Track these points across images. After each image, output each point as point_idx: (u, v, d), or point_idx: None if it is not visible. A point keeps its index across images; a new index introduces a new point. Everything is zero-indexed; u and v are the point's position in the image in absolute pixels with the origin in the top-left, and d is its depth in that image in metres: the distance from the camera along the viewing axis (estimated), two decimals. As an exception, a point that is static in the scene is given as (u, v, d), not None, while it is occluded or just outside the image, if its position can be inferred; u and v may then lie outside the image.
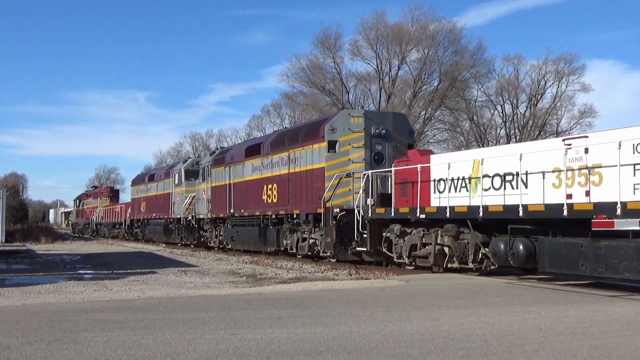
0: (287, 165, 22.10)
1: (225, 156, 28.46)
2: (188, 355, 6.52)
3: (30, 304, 10.50)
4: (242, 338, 7.39)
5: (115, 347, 6.88)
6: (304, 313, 9.36)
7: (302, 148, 21.16)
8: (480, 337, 7.41)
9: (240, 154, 26.81)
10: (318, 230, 20.21)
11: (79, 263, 21.68)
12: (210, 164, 29.95)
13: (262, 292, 12.43)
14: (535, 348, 6.79)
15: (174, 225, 35.51)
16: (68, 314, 9.38)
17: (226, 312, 9.54)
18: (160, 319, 8.88)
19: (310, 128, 21.42)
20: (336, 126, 19.64)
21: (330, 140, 19.62)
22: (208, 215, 29.99)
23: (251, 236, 24.94)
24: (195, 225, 32.02)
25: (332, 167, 19.47)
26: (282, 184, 22.52)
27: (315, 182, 20.15)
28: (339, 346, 6.92)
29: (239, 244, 26.67)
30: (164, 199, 37.46)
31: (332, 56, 53.22)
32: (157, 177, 40.48)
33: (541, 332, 7.72)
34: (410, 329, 7.95)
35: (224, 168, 28.00)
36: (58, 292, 12.27)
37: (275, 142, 23.71)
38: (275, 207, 23.00)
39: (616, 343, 7.08)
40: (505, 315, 9.00)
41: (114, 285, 13.67)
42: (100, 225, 57.00)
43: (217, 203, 28.88)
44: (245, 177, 25.93)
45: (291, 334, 7.66)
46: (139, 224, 43.97)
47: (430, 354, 6.53)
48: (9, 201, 54.63)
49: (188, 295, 11.72)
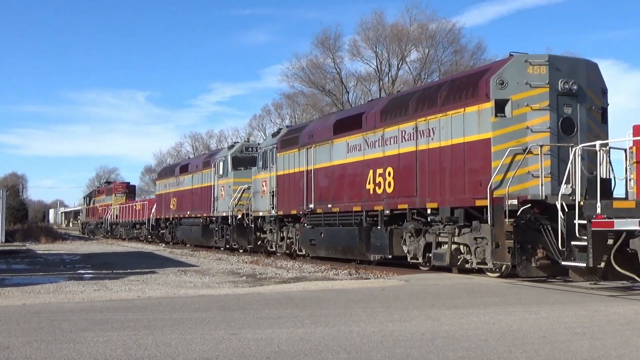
0: (414, 140, 15.98)
1: (300, 135, 22.06)
2: (188, 355, 6.52)
3: (30, 304, 10.50)
4: (242, 338, 7.39)
5: (115, 347, 6.87)
6: (303, 313, 9.36)
7: (444, 114, 14.96)
8: (480, 337, 7.41)
9: (325, 131, 20.56)
10: (468, 232, 14.42)
11: (79, 263, 21.67)
12: (276, 147, 23.56)
13: (262, 292, 12.42)
14: (535, 348, 6.79)
15: (217, 225, 29.64)
16: (68, 313, 9.38)
17: (226, 312, 9.54)
18: (160, 319, 8.88)
19: (461, 83, 15.05)
20: (507, 78, 13.71)
21: (498, 100, 13.64)
22: (271, 212, 23.68)
23: (345, 240, 18.98)
24: (251, 225, 25.58)
25: (502, 139, 13.55)
26: (403, 167, 16.47)
27: (471, 161, 14.18)
28: (338, 346, 6.92)
29: (324, 249, 20.51)
30: (203, 194, 31.39)
31: (331, 56, 53.33)
32: (192, 167, 34.05)
33: (541, 332, 7.72)
34: (410, 329, 7.95)
35: (298, 151, 21.87)
36: (58, 292, 12.27)
37: (390, 109, 17.44)
38: (390, 200, 16.96)
39: (616, 343, 7.07)
40: (505, 315, 9.00)
41: (114, 285, 13.67)
42: (116, 225, 51.91)
43: (286, 196, 22.64)
44: (334, 161, 19.77)
45: (291, 333, 7.65)
46: (167, 223, 37.80)
47: (430, 354, 6.53)
48: (9, 201, 54.46)
49: (188, 295, 11.72)
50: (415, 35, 51.37)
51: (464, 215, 14.38)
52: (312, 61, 53.64)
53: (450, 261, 14.80)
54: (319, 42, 53.62)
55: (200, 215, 31.46)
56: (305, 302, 10.70)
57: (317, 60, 53.69)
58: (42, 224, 78.45)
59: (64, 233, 63.52)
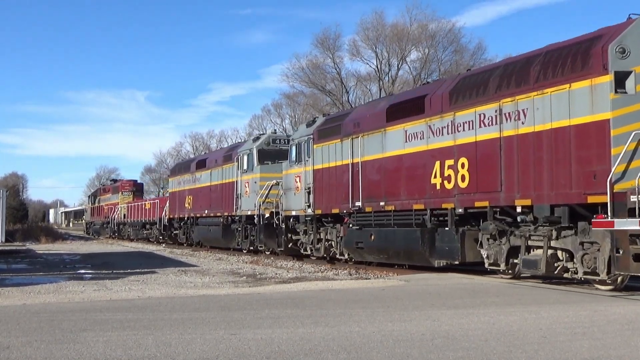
0: (497, 125, 13.35)
1: (343, 124, 19.35)
2: (188, 355, 6.52)
3: (30, 304, 10.50)
4: (242, 338, 7.39)
5: (115, 347, 6.88)
6: (303, 313, 9.36)
7: (540, 92, 12.34)
8: (480, 337, 7.41)
9: (375, 118, 17.74)
10: (571, 235, 11.99)
11: (79, 263, 21.69)
12: (312, 138, 20.84)
13: (262, 292, 12.43)
14: (535, 348, 6.78)
15: (240, 225, 26.94)
16: (68, 313, 9.38)
17: (226, 312, 9.54)
18: (160, 318, 8.88)
19: (562, 54, 12.25)
20: (630, 45, 10.95)
21: (619, 72, 10.95)
22: (307, 211, 20.98)
23: (402, 243, 16.39)
24: (282, 226, 22.92)
25: (625, 120, 10.94)
26: (481, 158, 13.89)
27: (581, 148, 11.59)
28: (338, 346, 6.92)
29: (374, 253, 17.84)
30: (224, 191, 28.83)
31: (331, 56, 53.38)
32: (210, 162, 31.43)
33: (541, 332, 7.72)
34: (410, 329, 7.95)
35: (340, 141, 19.21)
36: (58, 292, 12.28)
37: (462, 90, 14.72)
38: (464, 196, 14.37)
39: (616, 343, 7.07)
40: (505, 315, 9.00)
41: (114, 285, 13.67)
42: (124, 225, 49.26)
43: (325, 193, 20.01)
44: (388, 152, 17.10)
45: (291, 333, 7.65)
46: (182, 223, 35.25)
47: (430, 354, 6.53)
48: (9, 201, 54.42)
49: (188, 295, 11.73)
50: (415, 35, 51.42)
51: (569, 213, 11.85)
52: (312, 61, 53.80)
53: (546, 269, 12.37)
54: (318, 42, 53.78)
55: (220, 215, 28.93)
56: (305, 302, 10.70)
57: (317, 60, 53.85)
58: (42, 224, 78.40)
59: (64, 233, 63.55)
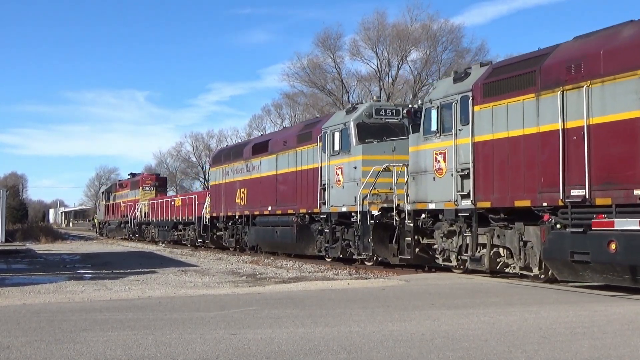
0: None
1: (542, 68, 12.56)
2: (188, 355, 6.52)
3: (30, 304, 10.50)
4: (242, 338, 7.39)
5: (115, 347, 6.88)
6: (303, 313, 9.36)
7: None
8: (480, 337, 7.41)
9: (621, 55, 11.10)
10: None
11: (79, 263, 21.68)
12: (470, 96, 14.25)
13: (262, 291, 12.42)
14: (535, 348, 6.79)
15: (327, 225, 20.19)
16: (68, 313, 9.38)
17: (226, 312, 9.54)
18: (160, 318, 8.88)
19: None
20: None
21: None
22: (460, 203, 14.40)
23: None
24: (410, 225, 16.26)
25: None
26: None
27: None
28: (338, 346, 6.92)
29: (614, 271, 11.03)
30: (300, 180, 21.95)
31: (332, 56, 53.33)
32: (275, 145, 24.28)
33: (541, 332, 7.72)
34: (410, 329, 7.95)
35: (536, 97, 12.58)
36: (58, 292, 12.28)
37: None
38: None
39: (616, 343, 7.07)
40: (505, 315, 9.00)
41: (114, 285, 13.67)
42: (147, 225, 42.64)
43: (497, 176, 13.51)
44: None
45: (291, 333, 7.66)
46: (230, 223, 28.43)
47: (430, 354, 6.53)
48: (9, 201, 54.46)
49: (188, 295, 11.72)
50: (416, 35, 51.37)
51: None
52: (313, 61, 53.70)
53: None
54: (319, 41, 53.67)
55: (293, 212, 22.22)
56: (305, 302, 10.70)
57: (317, 60, 53.75)
58: (42, 224, 78.31)
59: (64, 233, 63.54)
